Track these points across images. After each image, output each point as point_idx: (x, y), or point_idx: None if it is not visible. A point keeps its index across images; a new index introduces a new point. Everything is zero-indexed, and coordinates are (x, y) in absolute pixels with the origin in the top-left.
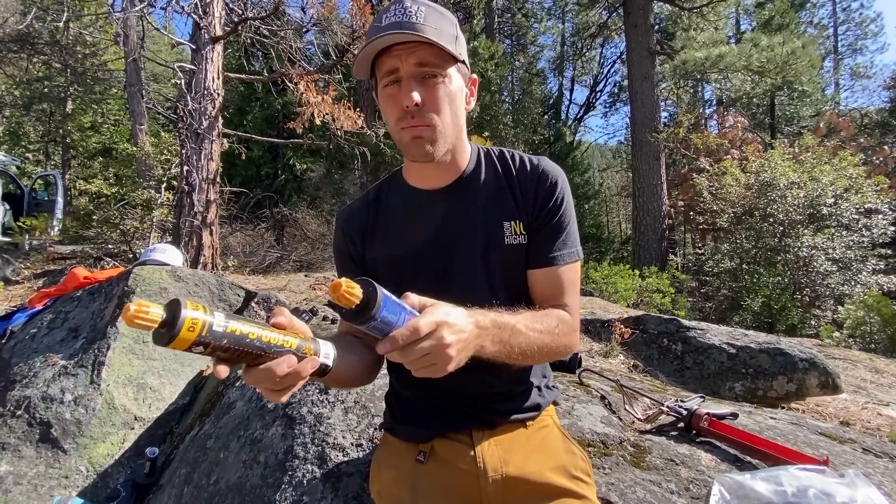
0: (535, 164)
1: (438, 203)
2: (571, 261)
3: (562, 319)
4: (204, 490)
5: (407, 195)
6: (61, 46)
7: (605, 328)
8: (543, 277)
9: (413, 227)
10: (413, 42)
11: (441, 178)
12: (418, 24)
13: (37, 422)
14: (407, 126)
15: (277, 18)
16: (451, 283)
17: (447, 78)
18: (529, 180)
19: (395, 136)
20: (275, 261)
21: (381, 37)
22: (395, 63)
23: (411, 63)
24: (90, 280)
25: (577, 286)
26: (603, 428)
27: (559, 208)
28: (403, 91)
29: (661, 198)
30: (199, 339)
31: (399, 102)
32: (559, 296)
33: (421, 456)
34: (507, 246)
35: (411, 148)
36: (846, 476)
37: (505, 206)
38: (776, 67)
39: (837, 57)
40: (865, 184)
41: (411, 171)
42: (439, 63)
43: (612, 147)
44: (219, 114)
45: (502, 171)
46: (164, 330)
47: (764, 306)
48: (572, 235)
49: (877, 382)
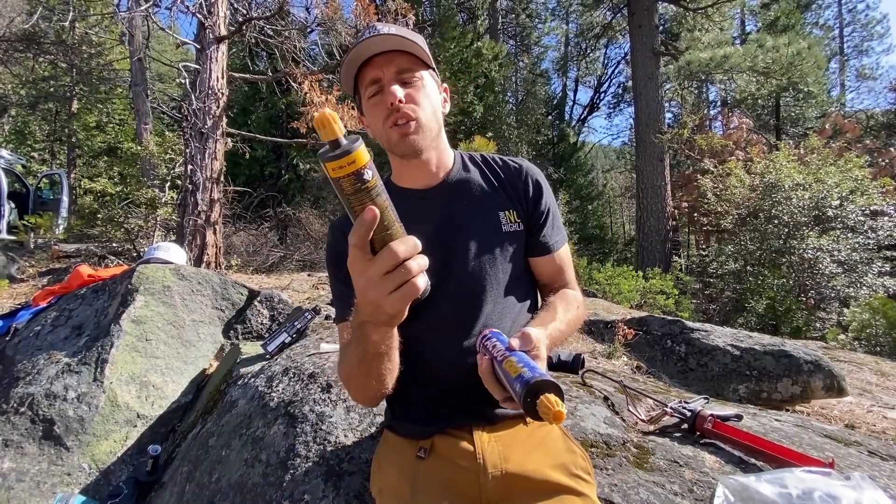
0: (519, 165)
1: (432, 200)
2: (563, 244)
3: (576, 298)
4: (206, 488)
5: (397, 194)
6: (67, 46)
7: (608, 329)
8: (546, 263)
9: (412, 220)
10: (391, 51)
11: (430, 176)
12: (393, 35)
13: (40, 419)
14: (392, 123)
15: (282, 18)
16: (454, 275)
17: (423, 80)
18: (516, 179)
19: (382, 138)
20: (278, 260)
21: (365, 40)
22: (376, 73)
23: (392, 71)
24: (94, 278)
25: (571, 262)
26: (606, 429)
27: (548, 203)
28: (387, 91)
29: (665, 199)
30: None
31: (384, 103)
32: (562, 277)
33: (421, 452)
34: (506, 233)
35: (399, 144)
36: (852, 479)
37: (496, 198)
38: (781, 68)
39: (843, 58)
40: (871, 186)
41: (401, 173)
42: (415, 68)
43: (615, 148)
44: (223, 113)
45: (487, 170)
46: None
47: (768, 308)
48: (560, 224)
49: (882, 385)
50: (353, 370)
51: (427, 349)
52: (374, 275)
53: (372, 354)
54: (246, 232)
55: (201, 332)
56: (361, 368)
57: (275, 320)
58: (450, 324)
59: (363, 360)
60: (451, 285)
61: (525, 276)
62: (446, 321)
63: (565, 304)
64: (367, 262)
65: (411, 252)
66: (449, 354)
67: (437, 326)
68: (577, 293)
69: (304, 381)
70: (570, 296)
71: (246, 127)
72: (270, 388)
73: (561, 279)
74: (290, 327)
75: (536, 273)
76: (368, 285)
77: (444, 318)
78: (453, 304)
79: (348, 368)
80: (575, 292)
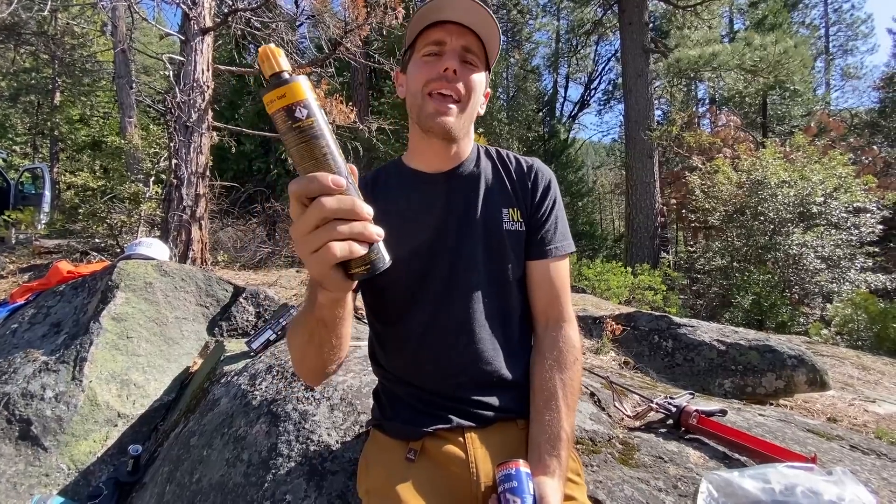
0: (530, 164)
1: (438, 185)
2: (566, 252)
3: (573, 351)
4: (186, 489)
5: (408, 177)
6: (49, 37)
7: (596, 325)
8: (541, 271)
9: (413, 208)
10: (467, 27)
11: (444, 162)
12: (480, 8)
13: (16, 419)
14: (435, 91)
15: (269, 10)
16: (446, 269)
17: (480, 72)
18: (525, 177)
19: (414, 103)
20: (266, 256)
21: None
22: (444, 36)
23: (460, 43)
24: (73, 274)
25: (568, 283)
26: (592, 425)
27: (554, 205)
28: (448, 57)
29: (654, 196)
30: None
31: (436, 67)
32: (557, 300)
33: (411, 454)
34: (507, 231)
35: (431, 118)
36: (834, 474)
37: (502, 194)
38: (768, 67)
39: (828, 57)
40: (854, 183)
41: (415, 151)
42: (479, 57)
43: (605, 145)
44: (209, 106)
45: (500, 165)
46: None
47: (754, 304)
48: (565, 230)
49: (863, 379)
50: (298, 336)
51: (418, 347)
52: (299, 228)
53: (317, 319)
54: (233, 227)
55: (185, 329)
56: (304, 333)
57: (261, 317)
58: (441, 320)
59: (307, 324)
60: (443, 280)
61: (523, 283)
62: (437, 317)
63: (563, 387)
64: (299, 215)
65: (344, 209)
66: (440, 353)
67: (428, 323)
68: (573, 334)
69: (287, 379)
70: (568, 361)
71: (233, 121)
72: (253, 387)
73: (556, 307)
74: (276, 324)
75: (531, 286)
76: (295, 239)
77: (436, 313)
78: (445, 300)
79: (294, 331)
80: (571, 334)
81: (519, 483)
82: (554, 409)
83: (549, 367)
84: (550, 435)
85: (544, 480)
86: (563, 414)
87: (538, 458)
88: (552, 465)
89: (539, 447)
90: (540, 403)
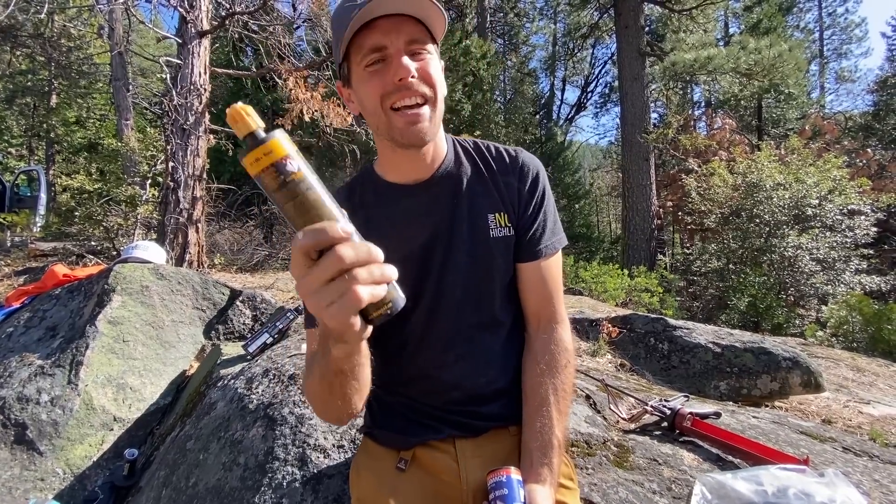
0: (514, 156)
1: (418, 198)
2: (557, 249)
3: (565, 353)
4: (182, 493)
5: (384, 192)
6: (45, 39)
7: (592, 327)
8: (532, 272)
9: (393, 227)
10: (398, 15)
11: (420, 170)
12: None
13: (11, 423)
14: (397, 104)
15: (266, 13)
16: (434, 284)
17: (432, 55)
18: (510, 173)
19: (377, 121)
20: (263, 259)
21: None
22: (380, 40)
23: (402, 40)
24: (69, 278)
25: (560, 280)
26: (587, 428)
27: (543, 201)
28: (395, 64)
29: (651, 198)
30: (291, 156)
31: (387, 78)
32: (549, 301)
33: (402, 464)
34: (494, 239)
35: (405, 133)
36: (826, 475)
37: (488, 198)
38: (763, 70)
39: (823, 61)
40: (849, 185)
41: (387, 165)
42: (426, 39)
43: (602, 147)
44: (206, 109)
45: (481, 163)
46: (262, 135)
47: (750, 306)
48: (555, 225)
49: (858, 381)
50: (316, 386)
51: (407, 359)
52: (313, 282)
53: (334, 371)
54: (230, 230)
55: (181, 332)
56: (324, 385)
57: (257, 320)
58: (430, 335)
59: (325, 377)
60: (431, 295)
61: (512, 287)
62: (426, 332)
63: (554, 391)
64: (308, 268)
65: (362, 258)
66: (430, 371)
67: (418, 337)
68: (565, 336)
69: (284, 383)
70: (560, 364)
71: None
72: (250, 390)
73: (548, 308)
74: (272, 327)
75: (521, 288)
76: (307, 294)
77: (425, 329)
78: (432, 317)
79: (312, 383)
80: (564, 336)
81: (510, 490)
82: (545, 415)
83: (541, 371)
84: (542, 442)
85: (535, 488)
86: (555, 420)
87: (529, 465)
88: (543, 473)
89: (531, 454)
90: (531, 409)
